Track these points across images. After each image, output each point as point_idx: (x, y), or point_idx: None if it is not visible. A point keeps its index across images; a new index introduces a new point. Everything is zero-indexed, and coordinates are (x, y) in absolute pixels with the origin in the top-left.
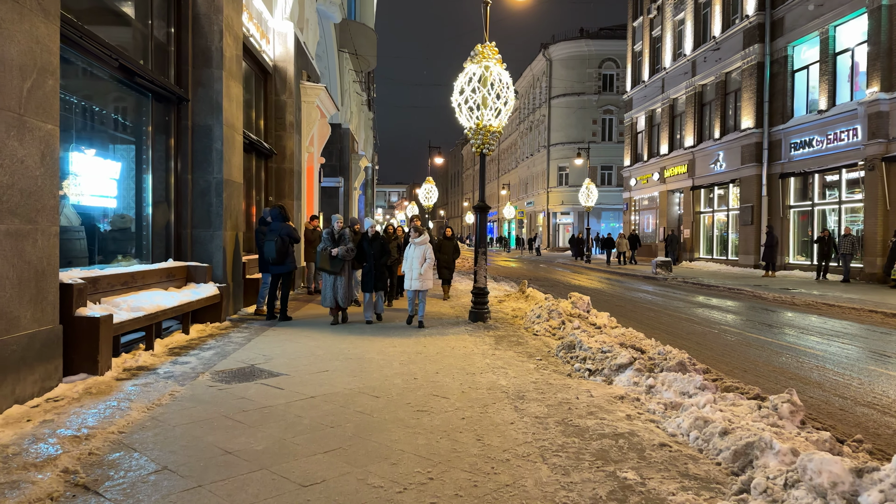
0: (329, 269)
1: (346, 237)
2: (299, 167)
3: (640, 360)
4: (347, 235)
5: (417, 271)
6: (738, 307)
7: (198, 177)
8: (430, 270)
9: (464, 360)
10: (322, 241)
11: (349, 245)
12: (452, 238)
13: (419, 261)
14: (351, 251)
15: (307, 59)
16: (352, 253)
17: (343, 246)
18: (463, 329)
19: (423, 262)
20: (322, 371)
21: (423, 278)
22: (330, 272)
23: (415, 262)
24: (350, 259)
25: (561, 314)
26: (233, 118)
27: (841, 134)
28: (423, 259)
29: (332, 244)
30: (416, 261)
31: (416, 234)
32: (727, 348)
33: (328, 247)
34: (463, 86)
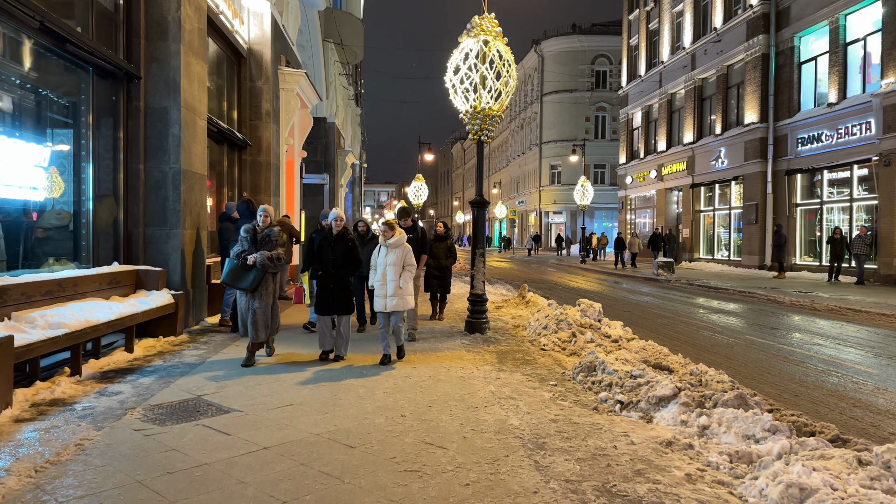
0: (238, 285)
1: (274, 237)
2: (277, 160)
3: (687, 390)
4: (275, 235)
5: (394, 285)
6: (756, 313)
7: (152, 167)
8: (411, 283)
9: (462, 385)
10: (238, 242)
11: (276, 251)
12: (447, 237)
13: (395, 270)
14: (276, 260)
15: (286, 44)
16: (278, 263)
17: (264, 252)
18: (459, 343)
19: (401, 271)
20: (285, 405)
21: (400, 295)
22: (240, 289)
23: (389, 271)
24: (277, 270)
25: (571, 325)
26: (194, 100)
27: (853, 128)
28: (401, 267)
29: (250, 247)
30: (391, 270)
31: (388, 231)
32: (763, 364)
33: (244, 251)
34: (458, 63)
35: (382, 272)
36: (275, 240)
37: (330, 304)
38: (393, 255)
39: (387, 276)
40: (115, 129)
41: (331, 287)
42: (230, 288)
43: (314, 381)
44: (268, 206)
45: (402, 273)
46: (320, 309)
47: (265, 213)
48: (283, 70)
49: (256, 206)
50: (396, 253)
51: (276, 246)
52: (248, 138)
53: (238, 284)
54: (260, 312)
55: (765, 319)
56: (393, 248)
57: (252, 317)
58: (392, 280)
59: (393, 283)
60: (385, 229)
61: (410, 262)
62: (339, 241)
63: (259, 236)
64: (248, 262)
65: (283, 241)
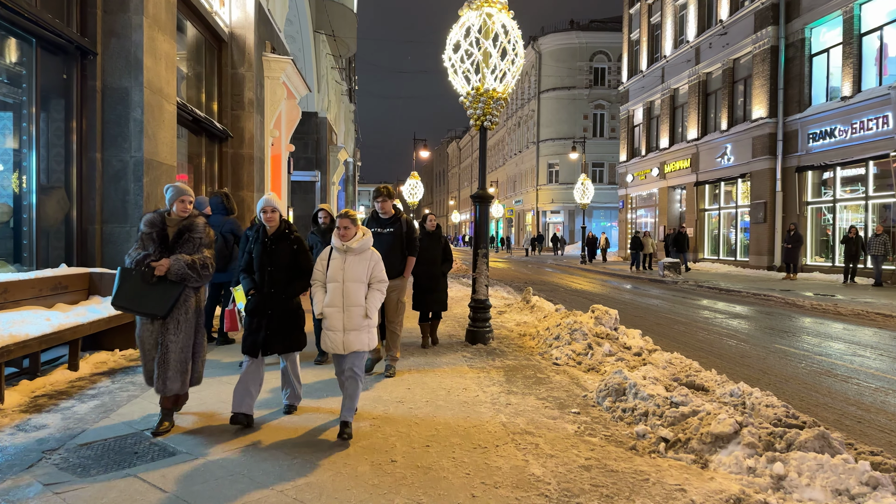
0: (140, 309)
1: (198, 232)
2: (262, 153)
3: (751, 427)
4: (199, 230)
5: (357, 312)
6: (778, 317)
7: (110, 156)
8: (377, 312)
9: (466, 414)
10: (138, 241)
11: (201, 254)
12: (439, 234)
13: (357, 289)
14: (202, 268)
15: (272, 29)
16: (204, 274)
17: (182, 255)
18: (460, 356)
19: (365, 289)
20: (247, 444)
21: (365, 327)
22: (145, 315)
23: (349, 291)
24: (202, 284)
25: (586, 335)
26: (160, 81)
27: (868, 122)
28: (366, 284)
29: (158, 248)
30: (353, 289)
31: (348, 228)
32: (805, 380)
33: (147, 254)
34: (459, 40)
35: (338, 292)
36: (199, 237)
37: (267, 338)
38: (355, 266)
39: (345, 299)
40: (67, 113)
41: (269, 313)
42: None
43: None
44: (182, 185)
45: (369, 294)
46: (250, 346)
47: (179, 194)
48: (267, 57)
49: (234, 200)
50: (360, 262)
51: (201, 246)
52: (230, 129)
53: (140, 307)
54: (175, 350)
55: (789, 325)
56: (355, 254)
57: (162, 356)
58: (354, 305)
59: (355, 311)
60: (343, 225)
61: (380, 276)
62: (278, 242)
63: (173, 232)
64: (153, 273)
65: (211, 240)
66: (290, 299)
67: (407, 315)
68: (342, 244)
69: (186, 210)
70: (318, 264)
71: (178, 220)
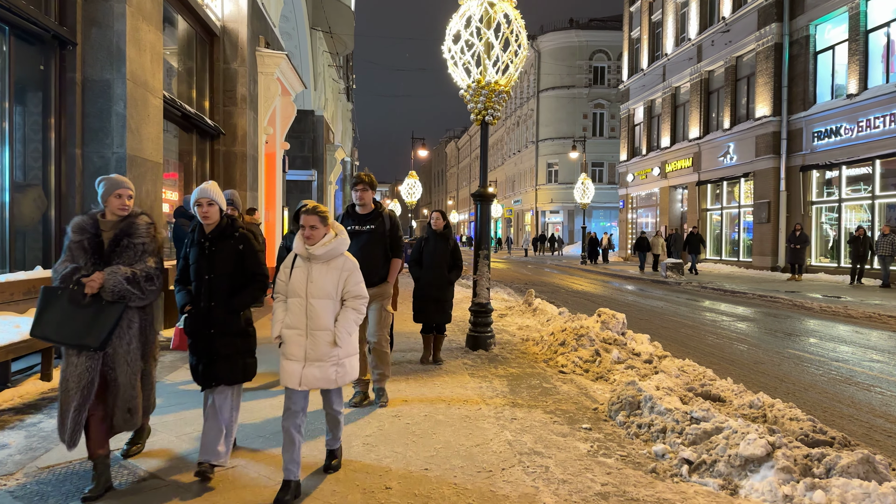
0: (68, 340)
1: (139, 236)
2: (255, 151)
3: (785, 449)
4: (140, 233)
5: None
6: (787, 321)
7: (91, 151)
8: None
9: (468, 430)
10: (65, 250)
11: (144, 265)
12: (447, 235)
13: (326, 307)
14: (147, 281)
15: (266, 24)
16: (149, 289)
17: (118, 268)
18: (460, 363)
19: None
20: (229, 467)
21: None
22: (75, 347)
23: (314, 309)
24: (148, 301)
25: (593, 340)
26: (144, 73)
27: (875, 120)
28: (338, 300)
29: (90, 260)
30: (319, 307)
31: (315, 227)
32: (826, 389)
33: (76, 268)
34: (459, 30)
35: (300, 310)
36: (141, 242)
37: (208, 366)
38: (322, 278)
39: (309, 320)
40: (44, 106)
41: (209, 334)
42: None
43: (268, 433)
44: (118, 177)
45: (341, 314)
46: (197, 376)
47: (114, 187)
48: (261, 51)
49: None
50: (328, 273)
51: (145, 254)
52: (222, 126)
53: (68, 337)
54: (118, 394)
55: (799, 328)
56: (321, 262)
57: (73, 402)
58: (320, 329)
59: (321, 336)
60: (309, 223)
61: (356, 290)
62: (218, 242)
63: (108, 238)
64: (84, 291)
65: (158, 244)
66: (236, 315)
67: (406, 320)
68: (305, 249)
69: (125, 208)
70: (282, 272)
71: (115, 221)
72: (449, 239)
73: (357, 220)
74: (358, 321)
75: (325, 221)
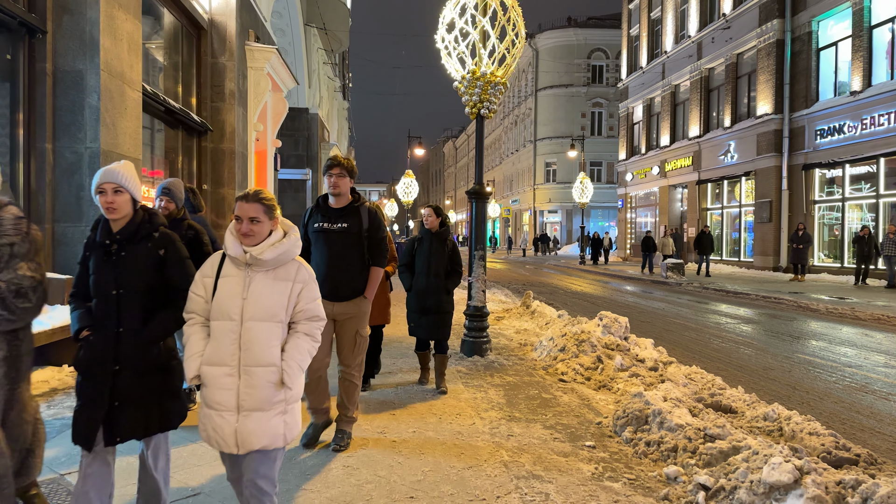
0: None
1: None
2: (244, 148)
3: (814, 474)
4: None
5: (265, 375)
6: (793, 323)
7: (62, 146)
8: (302, 376)
9: (461, 450)
10: None
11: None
12: (444, 236)
13: (267, 332)
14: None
15: (256, 18)
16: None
17: None
18: (454, 370)
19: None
20: (194, 493)
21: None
22: None
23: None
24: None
25: (595, 346)
26: (121, 64)
27: (879, 118)
28: (282, 325)
29: None
30: (258, 332)
31: (259, 219)
32: (842, 397)
33: None
34: (453, 18)
35: (230, 338)
36: (6, 244)
37: (113, 415)
38: (266, 292)
39: (244, 352)
40: (12, 98)
41: (115, 371)
42: None
43: None
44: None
45: (290, 342)
46: (83, 430)
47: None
48: (250, 45)
49: (204, 196)
50: (275, 286)
51: (13, 260)
52: (209, 122)
53: None
54: None
55: (807, 331)
56: (266, 270)
57: None
58: (260, 365)
59: (261, 375)
60: (250, 214)
61: (313, 309)
62: (129, 245)
63: None
64: None
65: (35, 246)
66: (152, 345)
67: (400, 324)
68: (243, 251)
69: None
70: (198, 284)
71: None
72: (446, 240)
73: (327, 215)
74: (312, 352)
75: (271, 213)
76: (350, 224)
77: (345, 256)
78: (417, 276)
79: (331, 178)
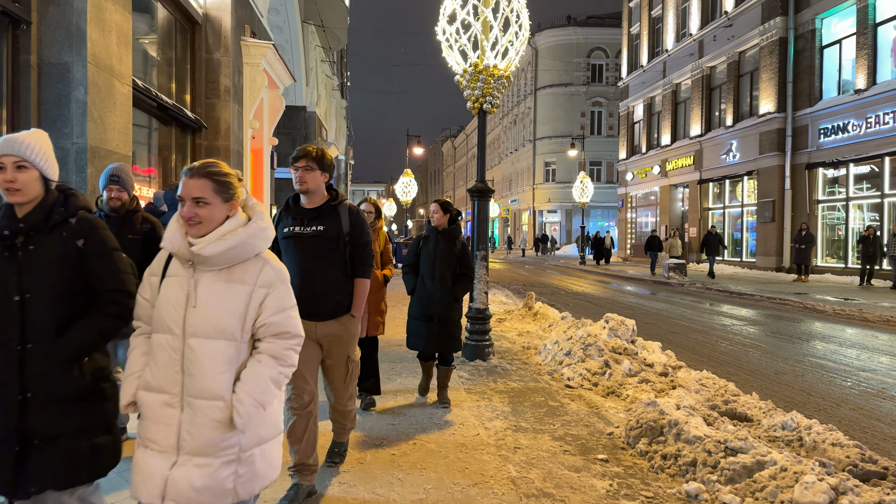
0: None
1: None
2: (239, 146)
3: (851, 494)
4: None
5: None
6: (801, 325)
7: None
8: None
9: (465, 464)
10: None
11: None
12: (454, 235)
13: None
14: None
15: (252, 13)
16: None
17: None
18: (456, 376)
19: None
20: None
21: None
22: None
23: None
24: None
25: (602, 350)
26: (110, 57)
27: (885, 116)
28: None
29: None
30: (200, 350)
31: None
32: (860, 404)
33: None
34: (455, 9)
35: (170, 358)
36: None
37: (24, 458)
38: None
39: (186, 377)
40: None
41: (21, 400)
42: None
43: None
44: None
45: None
46: None
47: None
48: (246, 41)
49: None
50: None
51: None
52: (203, 119)
53: None
54: None
55: (816, 333)
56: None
57: None
58: (207, 397)
59: (205, 410)
60: (194, 194)
61: (283, 322)
62: (38, 236)
63: None
64: None
65: None
66: (73, 363)
67: (400, 325)
68: (186, 245)
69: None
70: (144, 285)
71: None
72: (455, 239)
73: (299, 217)
74: (280, 381)
75: (225, 193)
76: (327, 227)
77: (322, 266)
78: (421, 278)
79: (296, 171)
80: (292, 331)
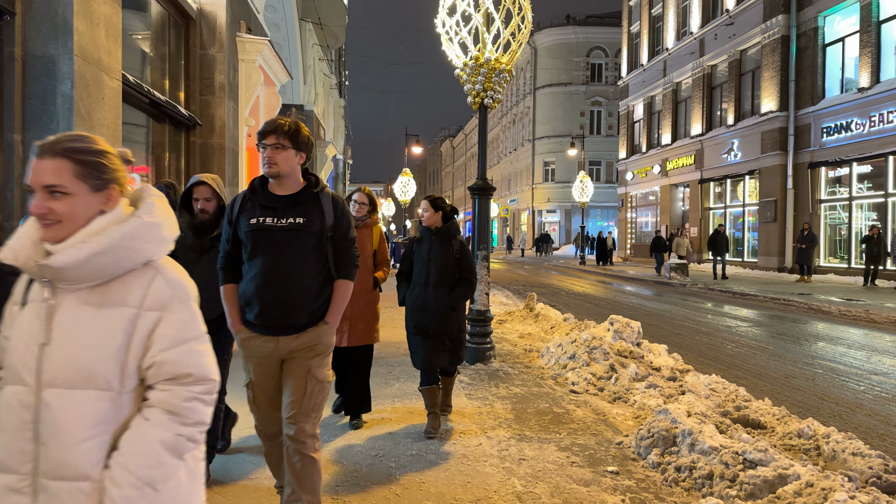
0: None
1: None
2: (235, 144)
3: None
4: None
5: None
6: (807, 326)
7: (33, 138)
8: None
9: (467, 478)
10: None
11: None
12: (450, 235)
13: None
14: None
15: (248, 9)
16: None
17: None
18: (456, 381)
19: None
20: None
21: None
22: None
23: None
24: None
25: (607, 353)
26: (98, 50)
27: (889, 115)
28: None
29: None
30: (59, 407)
31: (65, 189)
32: (876, 409)
33: None
34: (455, 1)
35: (24, 417)
36: None
37: None
38: (82, 329)
39: (42, 448)
40: None
41: None
42: None
43: None
44: None
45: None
46: None
47: None
48: (241, 37)
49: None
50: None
51: None
52: (198, 116)
53: None
54: None
55: (823, 335)
56: (81, 286)
57: None
58: (67, 477)
59: (69, 493)
60: (44, 181)
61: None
62: None
63: None
64: None
65: None
66: None
67: (397, 327)
68: (37, 253)
69: None
70: (6, 319)
71: None
72: (452, 239)
73: (270, 206)
74: (180, 446)
75: (94, 176)
76: (308, 220)
77: (297, 267)
78: (413, 286)
79: (264, 150)
80: (197, 373)
